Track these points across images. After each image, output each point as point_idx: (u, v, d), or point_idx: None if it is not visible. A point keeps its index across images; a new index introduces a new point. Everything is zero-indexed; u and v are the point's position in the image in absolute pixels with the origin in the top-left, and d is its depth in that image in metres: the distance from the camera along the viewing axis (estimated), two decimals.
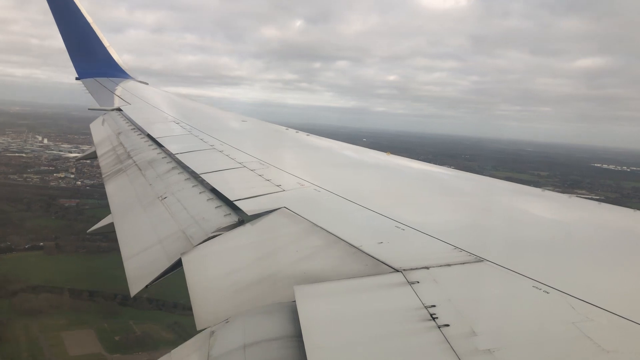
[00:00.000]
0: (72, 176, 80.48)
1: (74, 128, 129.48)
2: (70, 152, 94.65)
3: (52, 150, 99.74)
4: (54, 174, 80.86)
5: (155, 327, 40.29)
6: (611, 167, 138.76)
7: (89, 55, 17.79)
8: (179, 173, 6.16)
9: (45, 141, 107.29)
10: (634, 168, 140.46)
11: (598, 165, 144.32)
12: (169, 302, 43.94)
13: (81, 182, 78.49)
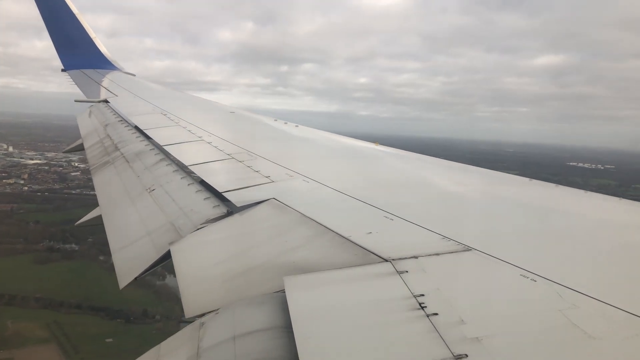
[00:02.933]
0: (22, 182, 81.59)
1: (47, 136, 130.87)
2: (32, 159, 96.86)
3: (14, 157, 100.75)
4: (4, 180, 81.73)
5: (31, 325, 40.43)
6: (586, 165, 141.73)
7: (74, 46, 17.55)
8: (167, 165, 6.12)
9: (10, 149, 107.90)
10: (608, 166, 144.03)
11: (574, 164, 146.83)
12: (55, 300, 44.47)
13: (29, 187, 79.62)
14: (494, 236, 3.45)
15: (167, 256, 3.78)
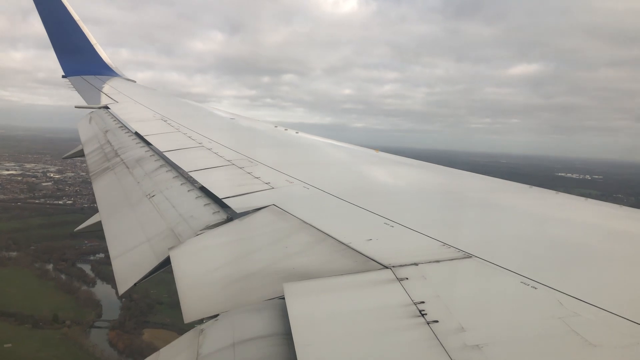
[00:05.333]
0: None
1: (33, 148, 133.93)
2: (7, 170, 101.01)
3: None
4: None
5: None
6: (574, 176, 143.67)
7: (75, 52, 17.59)
8: (167, 171, 6.12)
9: None
10: (596, 176, 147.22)
11: (562, 174, 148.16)
12: None
13: None
14: (495, 243, 3.44)
15: (166, 262, 3.77)
